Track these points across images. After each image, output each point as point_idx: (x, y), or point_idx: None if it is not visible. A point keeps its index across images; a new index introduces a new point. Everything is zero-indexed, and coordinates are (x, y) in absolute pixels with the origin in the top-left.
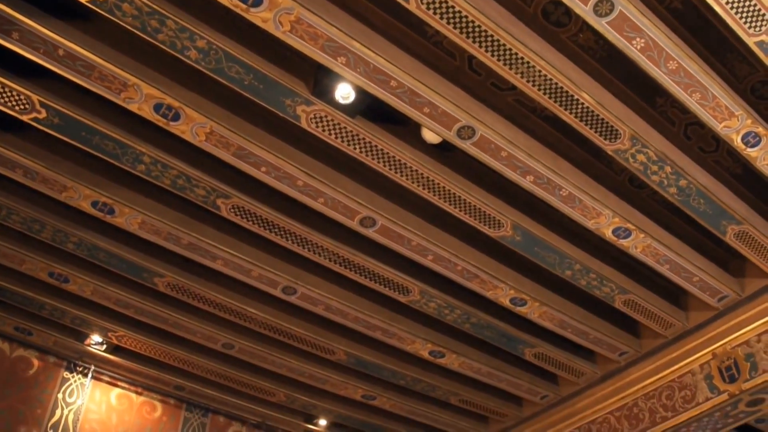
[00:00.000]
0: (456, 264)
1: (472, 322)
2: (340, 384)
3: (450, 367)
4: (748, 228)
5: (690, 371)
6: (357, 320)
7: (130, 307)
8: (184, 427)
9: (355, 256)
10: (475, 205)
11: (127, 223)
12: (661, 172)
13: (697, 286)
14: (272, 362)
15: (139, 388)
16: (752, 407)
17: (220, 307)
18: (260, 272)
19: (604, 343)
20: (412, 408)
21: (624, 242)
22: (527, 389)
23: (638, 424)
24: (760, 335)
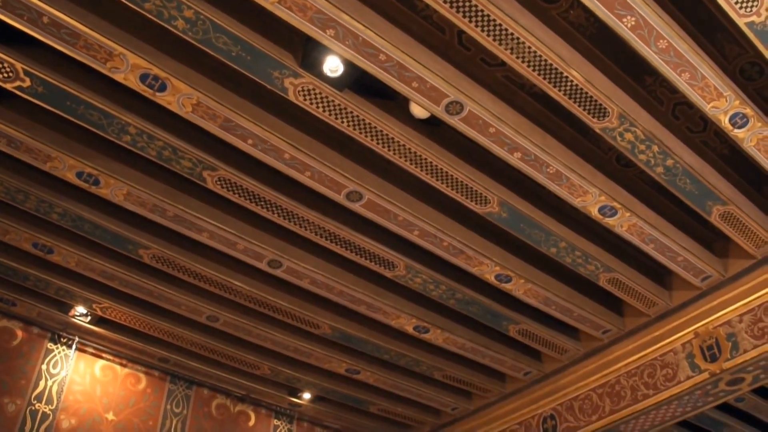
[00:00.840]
0: (442, 240)
1: (457, 297)
2: (325, 358)
3: (434, 342)
4: (733, 209)
5: (672, 350)
6: (342, 294)
7: (114, 278)
8: (169, 400)
9: (341, 230)
10: (462, 181)
11: (112, 195)
12: (649, 152)
13: (681, 265)
14: (257, 335)
15: (124, 360)
16: (732, 386)
17: (206, 280)
18: (246, 245)
19: (587, 321)
20: (395, 382)
21: (610, 221)
22: (511, 365)
23: (620, 401)
24: (742, 315)
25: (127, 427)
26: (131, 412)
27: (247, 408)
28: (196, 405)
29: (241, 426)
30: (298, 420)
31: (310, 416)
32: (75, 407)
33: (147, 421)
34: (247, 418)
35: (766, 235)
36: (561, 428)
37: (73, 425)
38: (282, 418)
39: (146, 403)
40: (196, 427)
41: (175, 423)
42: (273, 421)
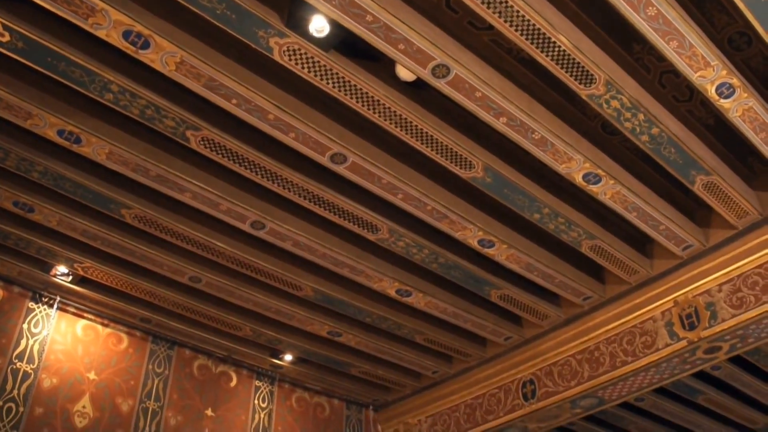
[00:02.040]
0: (426, 203)
1: (439, 262)
2: (307, 320)
3: (416, 306)
4: (716, 179)
5: (651, 318)
6: (325, 257)
7: (96, 238)
8: (150, 360)
9: (324, 193)
10: (447, 145)
11: (94, 153)
12: (634, 120)
13: (663, 234)
14: (239, 296)
15: (105, 320)
16: (709, 354)
17: (188, 240)
18: (229, 206)
19: (569, 287)
20: (377, 345)
21: (593, 188)
22: (492, 330)
23: (598, 367)
24: (721, 285)
25: (108, 386)
26: (113, 372)
27: (228, 369)
28: (178, 365)
29: (223, 387)
30: (279, 381)
31: (291, 378)
32: (56, 366)
33: (129, 380)
34: (228, 378)
35: (747, 206)
36: (540, 393)
37: (54, 384)
38: (263, 379)
39: (128, 363)
40: (177, 387)
41: (156, 383)
42: (255, 382)
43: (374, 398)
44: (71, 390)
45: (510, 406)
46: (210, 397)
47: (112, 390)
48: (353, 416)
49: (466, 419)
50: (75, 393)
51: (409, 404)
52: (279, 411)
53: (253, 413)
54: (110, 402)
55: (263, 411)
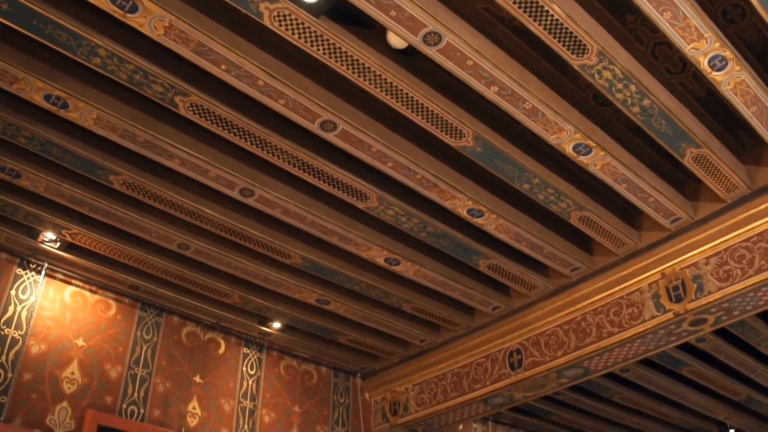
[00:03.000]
0: (415, 172)
1: (428, 231)
2: (295, 287)
3: (405, 274)
4: (706, 152)
5: (638, 289)
6: (314, 224)
7: (84, 204)
8: (139, 327)
9: (314, 160)
10: (438, 113)
11: (82, 119)
12: (626, 91)
13: (651, 206)
14: (228, 264)
15: (94, 287)
16: (695, 326)
17: (176, 207)
18: (217, 173)
19: (557, 258)
20: (365, 314)
21: (584, 159)
22: (479, 300)
23: (585, 338)
24: (708, 258)
25: (97, 353)
26: (101, 339)
27: (217, 336)
28: (167, 332)
29: (211, 354)
30: (267, 349)
31: (279, 345)
32: (45, 333)
33: (117, 347)
34: (217, 346)
35: (737, 179)
36: (526, 362)
37: (42, 350)
38: (252, 347)
39: (116, 330)
40: (166, 354)
41: (145, 349)
42: (243, 349)
43: (362, 366)
44: (60, 356)
45: (496, 376)
46: (198, 364)
47: (101, 356)
48: (341, 384)
49: (453, 388)
50: (63, 359)
51: (396, 372)
52: (267, 378)
53: (241, 380)
54: (99, 368)
55: (251, 378)
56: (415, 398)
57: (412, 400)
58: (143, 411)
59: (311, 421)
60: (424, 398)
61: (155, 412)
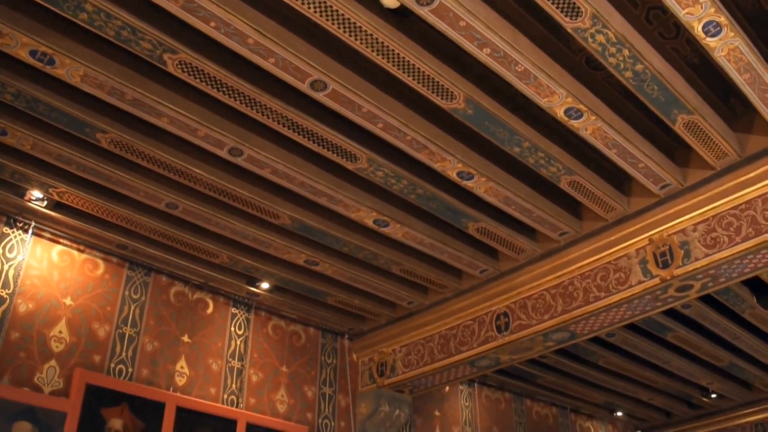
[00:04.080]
0: (406, 134)
1: (418, 193)
2: (284, 248)
3: (393, 236)
4: (697, 119)
5: (626, 255)
6: (303, 185)
7: (71, 163)
8: (127, 286)
9: (304, 120)
10: (429, 74)
11: (69, 75)
12: (619, 55)
13: (641, 172)
14: (216, 224)
15: (81, 246)
16: (681, 293)
17: (165, 166)
18: (206, 132)
19: (546, 222)
20: (353, 275)
21: (575, 123)
22: (468, 262)
23: (572, 302)
24: (696, 225)
25: (85, 312)
26: (89, 298)
27: (205, 296)
28: (155, 292)
29: (199, 313)
30: (255, 309)
31: (267, 305)
32: (32, 292)
33: (105, 306)
34: (205, 305)
35: (727, 147)
36: (513, 325)
37: (30, 309)
38: (240, 307)
39: (104, 289)
40: (154, 313)
41: (133, 309)
42: (231, 309)
43: (350, 327)
44: (47, 315)
45: (483, 338)
46: (186, 323)
47: (89, 315)
48: (328, 345)
49: (440, 350)
50: (51, 318)
51: (383, 334)
52: (255, 338)
53: (229, 340)
54: (87, 327)
55: (239, 338)
56: (402, 360)
57: (399, 362)
58: (131, 370)
59: (299, 381)
60: (411, 360)
61: (143, 371)
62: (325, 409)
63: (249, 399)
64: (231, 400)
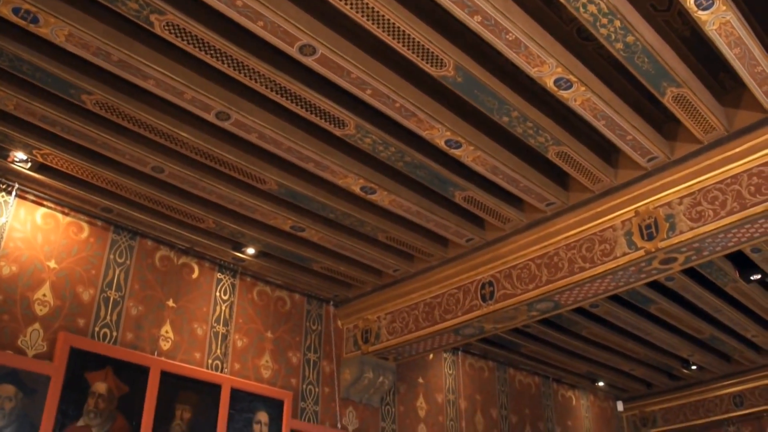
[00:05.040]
0: (394, 100)
1: (405, 160)
2: (270, 214)
3: (380, 204)
4: (686, 92)
5: (612, 226)
6: (290, 151)
7: (56, 124)
8: (112, 250)
9: (292, 85)
10: (419, 41)
11: (53, 35)
12: (610, 26)
13: (629, 144)
14: (202, 188)
15: (66, 209)
16: (665, 265)
17: (151, 129)
18: (193, 95)
19: (532, 192)
20: (339, 242)
21: (564, 93)
22: (454, 231)
23: (557, 272)
24: (682, 198)
25: (69, 275)
26: (74, 261)
27: (190, 261)
28: (140, 256)
29: (185, 278)
30: (241, 274)
31: (253, 271)
32: (16, 254)
33: (90, 270)
34: (190, 270)
35: (715, 121)
36: (498, 295)
37: (14, 272)
38: (225, 272)
39: (89, 253)
40: (139, 277)
41: (118, 273)
42: (216, 274)
43: (335, 294)
44: (31, 278)
45: (468, 307)
46: (172, 288)
47: (73, 279)
48: (314, 311)
49: (425, 317)
50: (35, 281)
51: (369, 301)
52: (240, 303)
53: (214, 305)
54: (71, 291)
55: (224, 303)
56: (387, 327)
57: (383, 329)
58: (116, 334)
59: (283, 346)
60: (396, 327)
61: (128, 335)
62: (309, 375)
63: (234, 364)
64: (215, 365)
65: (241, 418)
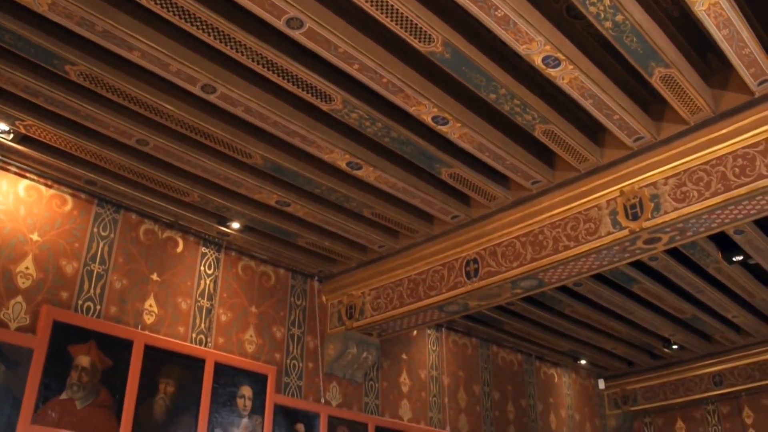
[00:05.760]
0: (382, 76)
1: (392, 136)
2: (255, 188)
3: (366, 179)
4: (674, 72)
5: (596, 205)
6: (276, 125)
7: (39, 95)
8: (95, 223)
9: (278, 58)
10: (408, 16)
11: (36, 3)
12: (600, 4)
13: (616, 124)
14: (187, 162)
15: (49, 181)
16: (648, 245)
17: (136, 101)
18: (179, 67)
19: (518, 170)
20: (324, 217)
21: (552, 71)
22: (440, 208)
23: (541, 250)
24: (667, 178)
25: (52, 248)
26: (57, 234)
27: (175, 234)
28: (124, 229)
29: (169, 252)
30: (226, 249)
31: (238, 246)
32: None
33: (73, 243)
34: (175, 244)
35: (702, 102)
36: (482, 272)
37: None
38: (210, 246)
39: (72, 225)
40: (123, 251)
41: (101, 246)
42: (201, 248)
43: (320, 269)
44: (13, 250)
45: (452, 283)
46: (156, 261)
47: (56, 252)
48: (298, 286)
49: (409, 294)
50: (17, 254)
51: (353, 276)
52: (225, 278)
53: (198, 279)
54: (54, 264)
55: (209, 277)
56: (372, 303)
57: (368, 305)
58: (99, 307)
59: (268, 321)
60: (380, 303)
61: (111, 308)
62: (293, 349)
63: (218, 338)
64: (199, 339)
65: (225, 393)
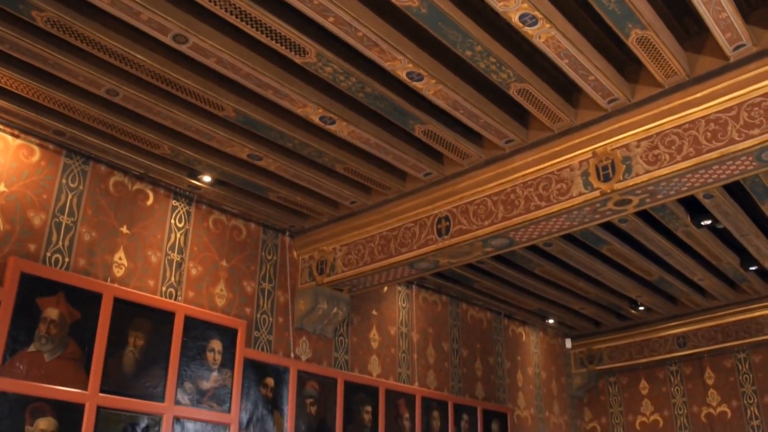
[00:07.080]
0: (357, 29)
1: (366, 91)
2: (227, 141)
3: (339, 134)
4: (650, 34)
5: (569, 166)
6: (249, 77)
7: (4, 41)
8: (64, 174)
9: (252, 9)
10: None
11: None
12: None
13: (591, 85)
14: (158, 113)
15: (16, 131)
16: (619, 206)
17: (105, 50)
18: (150, 16)
19: (492, 129)
20: (296, 172)
21: (529, 30)
22: (412, 165)
23: (513, 209)
24: (640, 141)
25: (19, 199)
26: (24, 185)
27: (145, 187)
28: (93, 181)
29: (139, 205)
30: (196, 202)
31: (209, 199)
32: None
33: (41, 194)
34: (145, 197)
35: (677, 65)
36: (454, 230)
37: None
38: (180, 200)
39: (40, 176)
40: (92, 203)
41: (70, 198)
42: (171, 201)
43: (291, 224)
44: None
45: (424, 241)
46: (125, 214)
47: (24, 203)
48: (269, 241)
49: (380, 250)
50: None
51: (325, 232)
52: (195, 231)
53: (169, 232)
54: (21, 215)
55: (179, 231)
56: (343, 258)
57: (339, 261)
58: (68, 260)
59: (238, 275)
60: (351, 259)
61: (80, 261)
62: (263, 304)
63: (188, 292)
64: (169, 292)
65: (195, 346)
